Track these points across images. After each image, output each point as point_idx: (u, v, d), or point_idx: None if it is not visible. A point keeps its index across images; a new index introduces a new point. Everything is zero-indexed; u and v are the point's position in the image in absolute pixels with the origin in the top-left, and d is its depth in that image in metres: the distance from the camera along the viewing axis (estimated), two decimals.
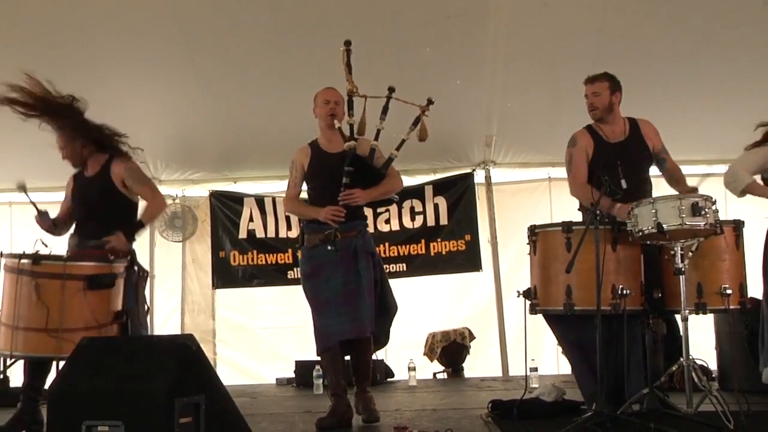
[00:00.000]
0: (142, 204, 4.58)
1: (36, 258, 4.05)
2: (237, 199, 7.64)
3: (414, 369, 6.63)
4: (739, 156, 4.79)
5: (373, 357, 6.65)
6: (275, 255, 7.52)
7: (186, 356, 3.17)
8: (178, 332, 7.33)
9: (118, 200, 4.46)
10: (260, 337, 7.71)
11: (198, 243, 7.77)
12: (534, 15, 5.77)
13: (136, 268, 4.36)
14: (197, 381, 3.17)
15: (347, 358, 4.58)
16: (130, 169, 4.49)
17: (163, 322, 7.70)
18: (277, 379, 7.16)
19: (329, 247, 4.33)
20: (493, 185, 7.45)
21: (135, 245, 4.47)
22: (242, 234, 7.60)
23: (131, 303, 4.26)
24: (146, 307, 4.50)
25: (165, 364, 3.11)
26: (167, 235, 7.62)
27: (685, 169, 7.05)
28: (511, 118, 6.84)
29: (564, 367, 6.37)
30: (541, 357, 6.74)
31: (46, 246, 4.25)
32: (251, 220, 7.59)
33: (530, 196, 7.43)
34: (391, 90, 4.51)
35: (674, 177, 4.66)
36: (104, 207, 4.44)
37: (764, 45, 5.97)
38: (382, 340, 4.72)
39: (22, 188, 4.71)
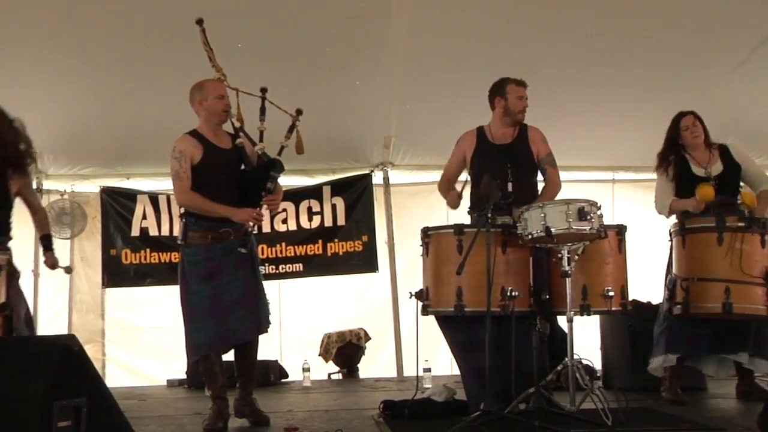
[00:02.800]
0: None
1: None
2: (130, 196, 7.43)
3: (308, 370, 6.61)
4: (657, 185, 5.07)
5: (269, 358, 6.70)
6: (169, 253, 7.34)
7: (67, 357, 3.05)
8: (65, 332, 7.06)
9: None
10: (152, 337, 7.51)
11: (87, 240, 7.51)
12: (435, 19, 5.82)
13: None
14: (79, 383, 3.05)
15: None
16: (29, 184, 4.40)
17: (49, 321, 7.40)
18: (168, 380, 7.00)
19: (242, 250, 4.20)
20: (391, 187, 7.52)
21: (20, 241, 4.30)
22: (135, 232, 7.39)
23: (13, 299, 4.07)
24: (26, 307, 4.31)
25: (44, 365, 2.98)
26: (54, 232, 7.29)
27: (585, 175, 7.46)
28: (410, 120, 6.90)
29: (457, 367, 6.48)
30: (436, 358, 6.83)
31: None
32: (144, 217, 7.40)
33: (427, 198, 7.47)
34: (264, 90, 4.41)
35: (544, 189, 4.79)
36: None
37: (660, 55, 6.20)
38: None
39: None
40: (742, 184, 4.98)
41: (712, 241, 4.38)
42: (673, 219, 5.00)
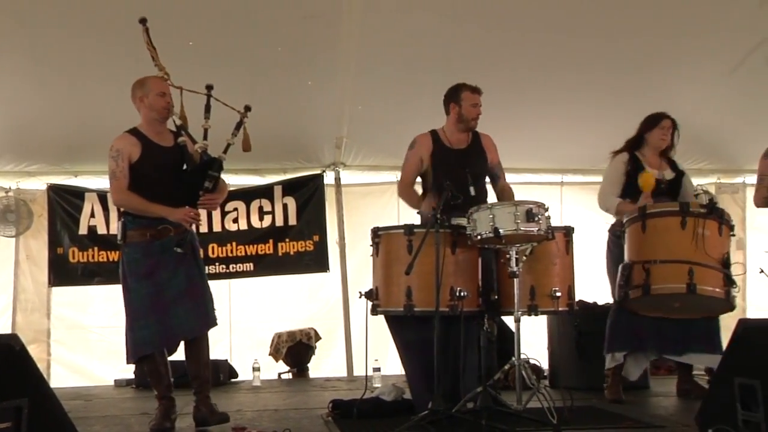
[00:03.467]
0: None
1: None
2: (78, 194, 7.30)
3: (258, 369, 6.59)
4: (607, 174, 5.17)
5: (219, 357, 6.65)
6: (118, 252, 7.21)
7: (7, 357, 2.99)
8: (9, 332, 6.91)
9: None
10: (99, 337, 7.37)
11: (33, 238, 7.36)
12: (387, 20, 5.84)
13: None
14: (20, 383, 3.00)
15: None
16: None
17: None
18: (115, 380, 6.91)
19: (178, 250, 4.15)
20: (342, 187, 7.52)
21: None
22: (82, 230, 7.26)
23: None
24: None
25: None
26: None
27: (534, 177, 7.56)
28: (362, 120, 6.91)
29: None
30: (386, 357, 6.85)
31: None
32: (93, 215, 7.28)
33: (379, 199, 7.53)
34: (209, 88, 4.36)
35: (503, 196, 4.88)
36: None
37: (610, 59, 6.31)
38: None
39: None
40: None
41: (676, 225, 4.45)
42: (611, 218, 5.11)
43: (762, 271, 6.01)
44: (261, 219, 7.42)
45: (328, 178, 7.50)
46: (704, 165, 7.78)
